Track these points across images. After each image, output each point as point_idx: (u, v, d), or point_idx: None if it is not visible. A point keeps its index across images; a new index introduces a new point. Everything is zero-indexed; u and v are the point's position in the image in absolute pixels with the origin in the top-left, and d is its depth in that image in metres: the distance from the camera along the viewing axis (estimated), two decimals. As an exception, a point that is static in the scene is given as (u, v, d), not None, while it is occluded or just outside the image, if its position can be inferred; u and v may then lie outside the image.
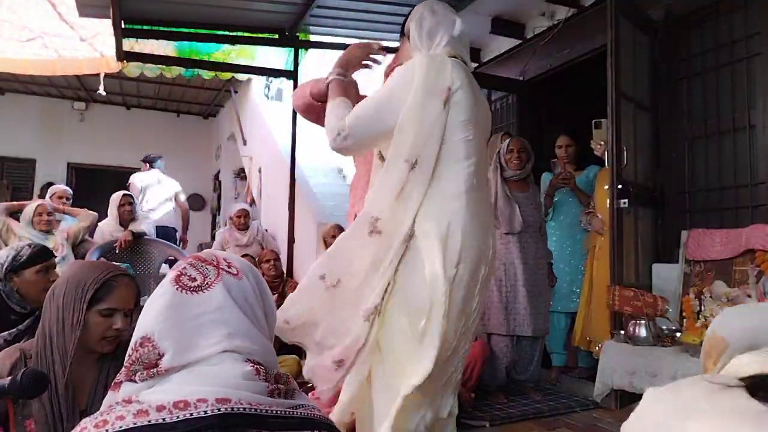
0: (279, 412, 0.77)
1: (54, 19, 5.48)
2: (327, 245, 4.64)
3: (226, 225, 5.93)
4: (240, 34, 4.95)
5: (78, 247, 4.21)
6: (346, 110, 1.69)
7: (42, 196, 6.20)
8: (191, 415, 0.71)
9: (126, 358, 0.80)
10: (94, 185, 8.47)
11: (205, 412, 0.71)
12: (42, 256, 2.06)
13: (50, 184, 7.37)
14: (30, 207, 4.03)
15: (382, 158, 1.73)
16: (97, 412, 0.74)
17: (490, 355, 3.21)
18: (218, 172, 9.87)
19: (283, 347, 3.62)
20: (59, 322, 1.33)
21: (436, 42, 1.73)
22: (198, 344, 0.79)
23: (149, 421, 0.70)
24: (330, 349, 1.66)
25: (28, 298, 2.00)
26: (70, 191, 4.78)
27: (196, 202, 10.09)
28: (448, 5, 1.83)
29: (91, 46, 5.70)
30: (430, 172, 1.59)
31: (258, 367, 0.80)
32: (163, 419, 0.70)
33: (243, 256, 4.12)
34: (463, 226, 1.59)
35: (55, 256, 2.19)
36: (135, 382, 0.78)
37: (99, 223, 4.60)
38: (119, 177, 8.95)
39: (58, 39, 5.64)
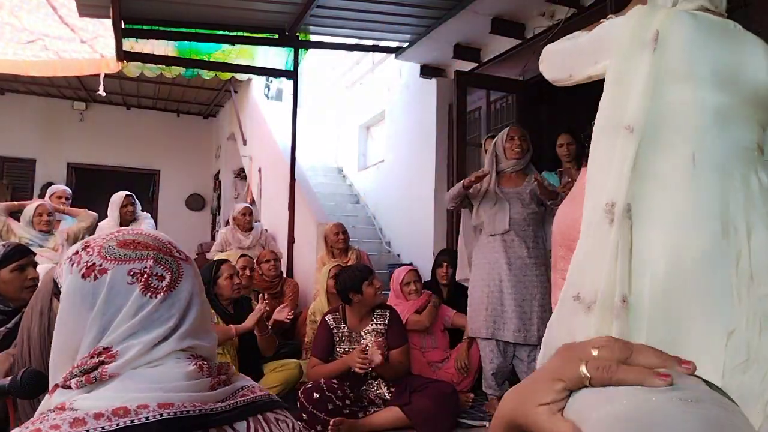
0: (222, 407, 0.75)
1: (55, 22, 5.48)
2: (328, 244, 4.61)
3: (227, 225, 5.90)
4: (240, 34, 4.96)
5: (78, 247, 4.21)
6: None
7: (42, 196, 6.20)
8: (132, 422, 0.67)
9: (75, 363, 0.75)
10: (94, 185, 8.49)
11: (147, 419, 0.68)
12: (14, 255, 2.04)
13: (50, 184, 7.37)
14: (30, 207, 4.03)
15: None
16: (28, 421, 0.69)
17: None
18: (218, 172, 9.87)
19: (283, 347, 3.62)
20: (42, 326, 1.30)
21: None
22: (150, 351, 0.74)
23: (86, 431, 0.66)
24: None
25: (9, 297, 2.00)
26: (70, 191, 4.78)
27: (196, 202, 10.10)
28: None
29: (92, 48, 5.70)
30: (640, 138, 1.29)
31: (201, 363, 0.77)
32: (102, 428, 0.66)
33: (241, 256, 4.12)
34: (674, 217, 1.24)
35: (34, 253, 2.18)
36: (70, 388, 0.73)
37: (99, 223, 4.60)
38: (119, 177, 8.99)
39: (59, 41, 5.64)
